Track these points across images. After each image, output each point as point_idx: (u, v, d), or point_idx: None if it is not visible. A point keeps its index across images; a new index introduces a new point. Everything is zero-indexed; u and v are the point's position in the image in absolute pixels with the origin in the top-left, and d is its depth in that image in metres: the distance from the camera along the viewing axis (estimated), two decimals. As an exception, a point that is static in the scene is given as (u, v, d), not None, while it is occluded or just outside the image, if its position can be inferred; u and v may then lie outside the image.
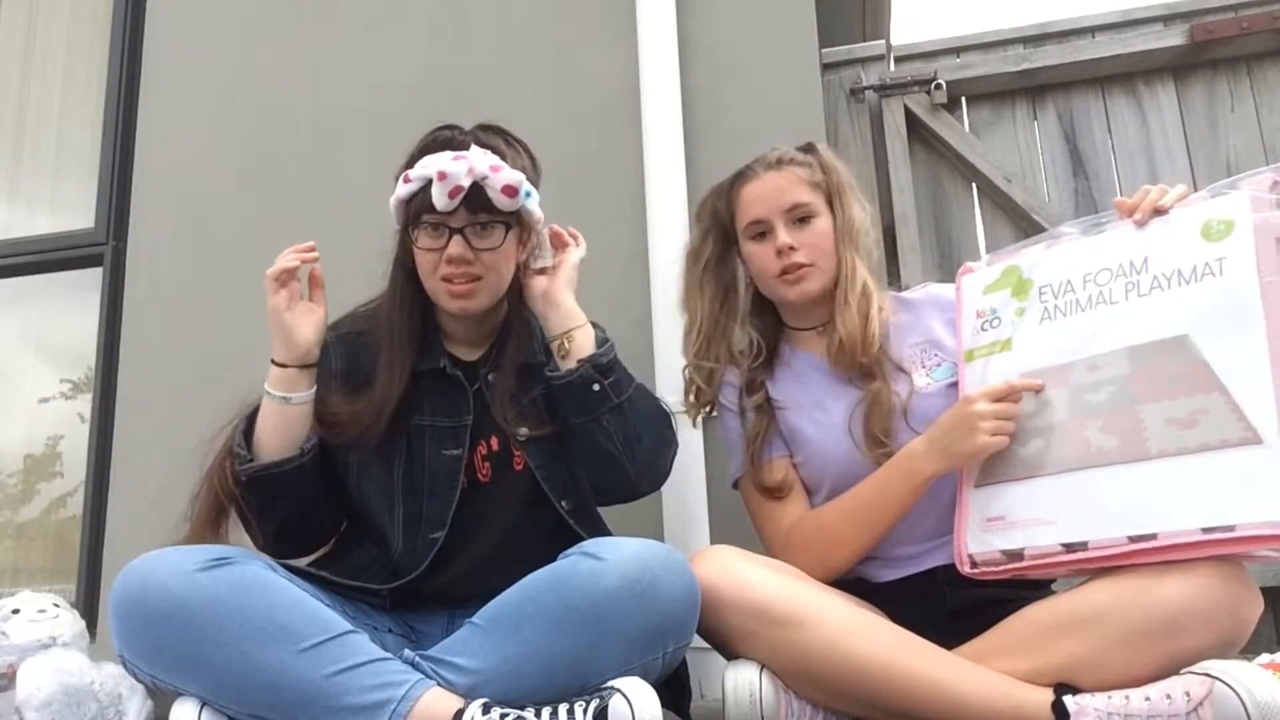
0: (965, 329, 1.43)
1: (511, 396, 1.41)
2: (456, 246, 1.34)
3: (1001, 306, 1.39)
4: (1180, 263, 1.23)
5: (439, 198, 1.31)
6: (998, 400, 1.29)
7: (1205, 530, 1.12)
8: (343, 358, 1.45)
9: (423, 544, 1.36)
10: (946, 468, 1.32)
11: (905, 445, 1.36)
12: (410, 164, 1.36)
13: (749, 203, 1.51)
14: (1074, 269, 1.33)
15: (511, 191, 1.34)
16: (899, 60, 2.31)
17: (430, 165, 1.32)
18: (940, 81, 2.20)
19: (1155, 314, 1.23)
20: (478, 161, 1.33)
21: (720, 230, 1.57)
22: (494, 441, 1.42)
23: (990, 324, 1.40)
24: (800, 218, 1.48)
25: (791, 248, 1.46)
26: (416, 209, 1.35)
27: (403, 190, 1.35)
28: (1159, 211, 1.28)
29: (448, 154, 1.33)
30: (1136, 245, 1.28)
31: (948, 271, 2.17)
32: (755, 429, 1.50)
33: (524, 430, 1.40)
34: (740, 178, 1.54)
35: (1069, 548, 1.22)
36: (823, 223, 1.49)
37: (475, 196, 1.32)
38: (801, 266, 1.47)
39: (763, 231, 1.50)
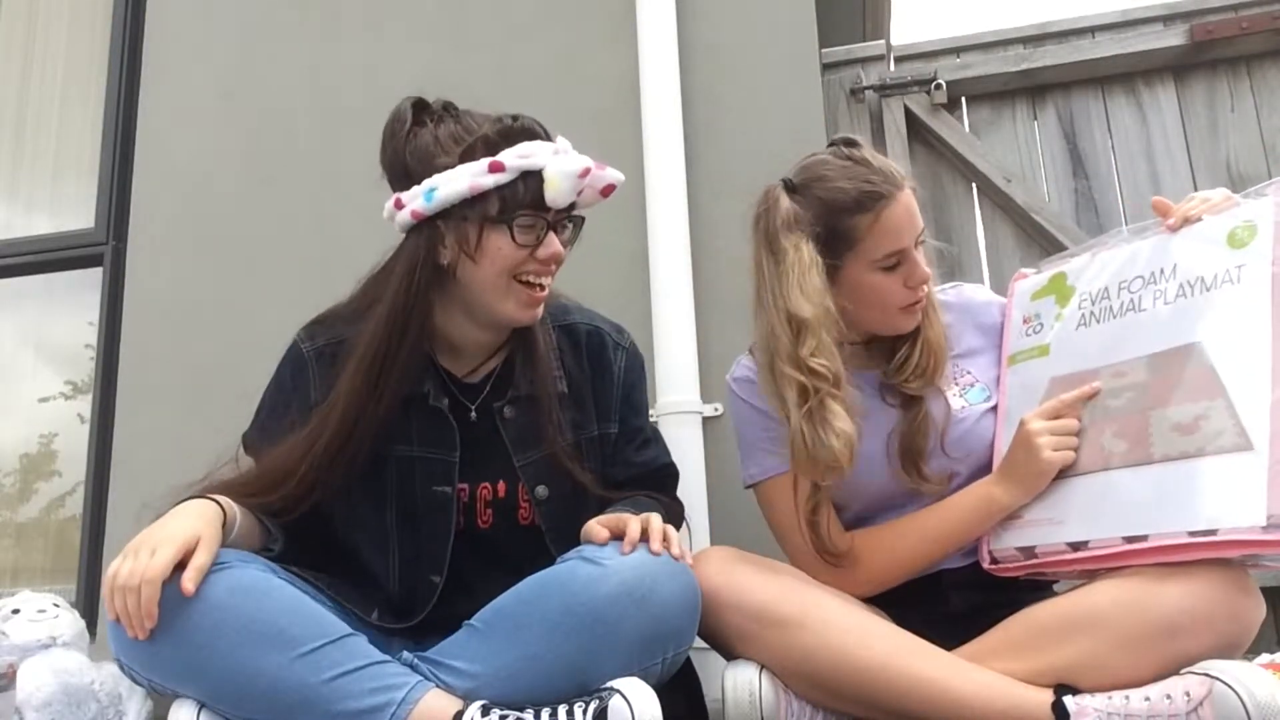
0: (1012, 334, 1.44)
1: (534, 440, 1.31)
2: (555, 244, 1.25)
3: (1045, 312, 1.40)
4: (1204, 270, 1.23)
5: (563, 192, 1.21)
6: (1051, 418, 1.28)
7: (1191, 534, 1.12)
8: (321, 384, 1.31)
9: (423, 586, 1.29)
10: (1021, 493, 1.28)
11: (978, 482, 1.33)
12: (473, 152, 1.22)
13: (891, 231, 1.32)
14: (1112, 276, 1.34)
15: (610, 191, 1.28)
16: (899, 60, 2.31)
17: (540, 155, 1.21)
18: (940, 81, 2.20)
19: (1175, 321, 1.23)
20: (581, 157, 1.25)
21: (815, 243, 1.33)
22: (500, 487, 1.32)
23: (1034, 330, 1.41)
24: (922, 241, 1.36)
25: (928, 279, 1.35)
26: (511, 200, 1.21)
27: (487, 180, 1.20)
28: (1190, 220, 1.28)
29: (549, 145, 1.24)
30: (1168, 252, 1.29)
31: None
32: (811, 502, 1.34)
33: (543, 490, 1.31)
34: (877, 200, 1.31)
35: (1073, 546, 1.23)
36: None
37: None
38: (924, 296, 1.37)
39: (898, 262, 1.34)
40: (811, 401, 1.27)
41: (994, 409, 1.41)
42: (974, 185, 2.21)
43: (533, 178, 1.21)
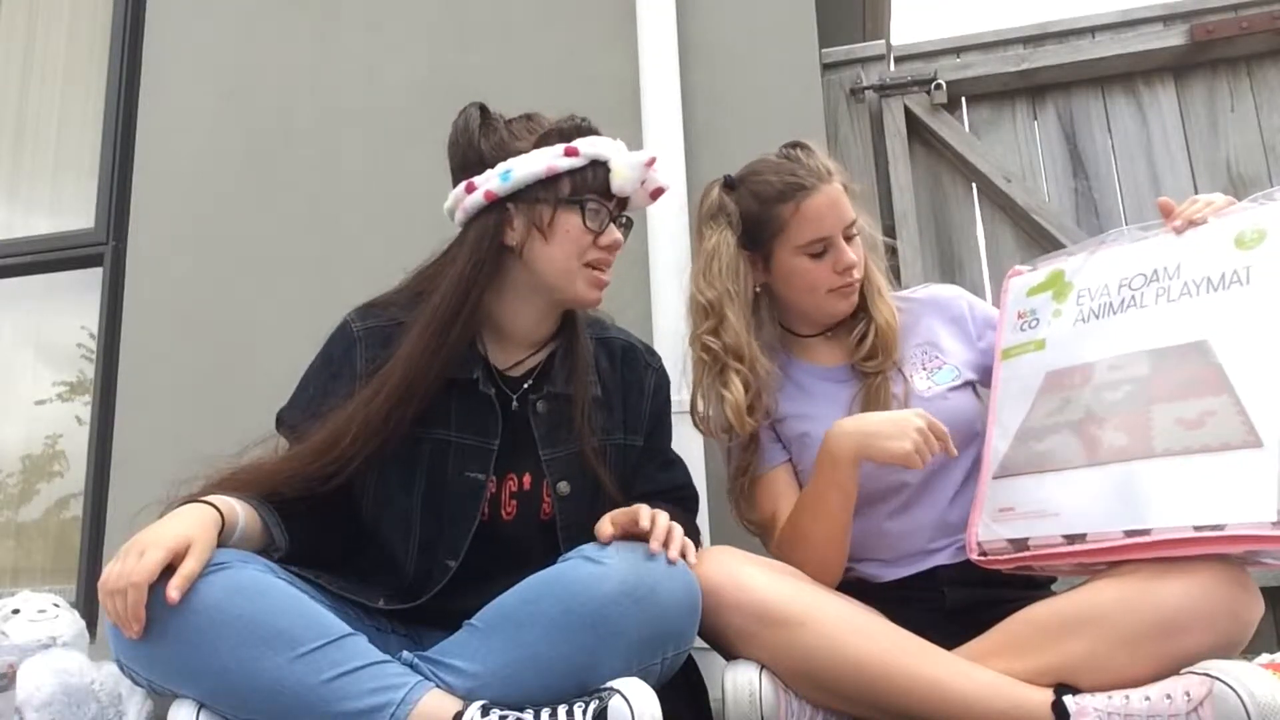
0: (1005, 328, 1.45)
1: (562, 436, 1.35)
2: (618, 233, 1.35)
3: (1041, 308, 1.41)
4: (1210, 270, 1.24)
5: (629, 180, 1.32)
6: (932, 431, 1.28)
7: (1196, 528, 1.12)
8: (369, 362, 1.32)
9: (437, 569, 1.30)
10: (863, 455, 1.28)
11: (834, 425, 1.33)
12: (548, 139, 1.31)
13: (812, 219, 1.42)
14: (1112, 273, 1.35)
15: (659, 195, 1.39)
16: (899, 60, 2.31)
17: (607, 148, 1.32)
18: (940, 81, 2.20)
19: (1179, 319, 1.24)
20: (643, 152, 1.35)
21: (743, 235, 1.48)
22: (526, 479, 1.35)
23: (1029, 324, 1.42)
24: (852, 234, 1.45)
25: (854, 265, 1.44)
26: (581, 185, 1.31)
27: (562, 163, 1.29)
28: (1194, 223, 1.30)
29: (614, 141, 1.34)
30: (1172, 252, 1.30)
31: (948, 271, 2.18)
32: (741, 462, 1.48)
33: (564, 486, 1.34)
34: (798, 190, 1.42)
35: (1069, 539, 1.23)
36: (861, 234, 1.48)
37: None
38: (854, 281, 1.45)
39: (824, 249, 1.44)
40: (712, 370, 1.45)
41: (965, 385, 1.46)
42: (974, 185, 2.22)
43: (601, 167, 1.32)
